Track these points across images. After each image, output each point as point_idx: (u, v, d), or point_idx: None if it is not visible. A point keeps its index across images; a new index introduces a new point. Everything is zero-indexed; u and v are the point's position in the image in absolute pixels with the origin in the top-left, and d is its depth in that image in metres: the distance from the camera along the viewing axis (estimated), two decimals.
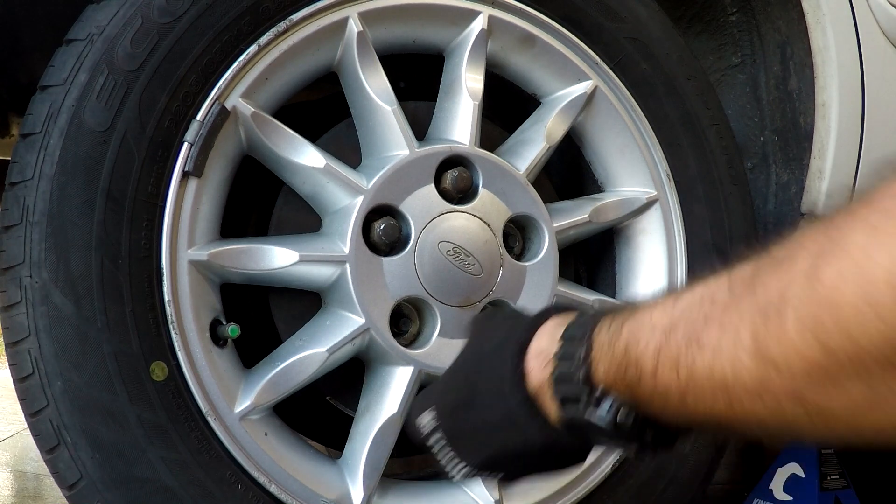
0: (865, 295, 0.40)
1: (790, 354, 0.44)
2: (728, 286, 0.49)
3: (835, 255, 0.41)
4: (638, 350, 0.54)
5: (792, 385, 0.44)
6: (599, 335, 0.59)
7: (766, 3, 1.33)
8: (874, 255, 0.39)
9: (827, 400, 0.44)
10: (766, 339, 0.45)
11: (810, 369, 0.43)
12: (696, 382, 0.50)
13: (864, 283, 0.40)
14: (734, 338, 0.47)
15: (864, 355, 0.41)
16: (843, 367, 0.42)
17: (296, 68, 1.00)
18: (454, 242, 1.01)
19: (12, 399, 1.22)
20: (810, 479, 1.86)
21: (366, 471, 0.97)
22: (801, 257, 0.44)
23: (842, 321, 0.41)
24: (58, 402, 0.84)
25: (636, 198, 1.19)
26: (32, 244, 0.85)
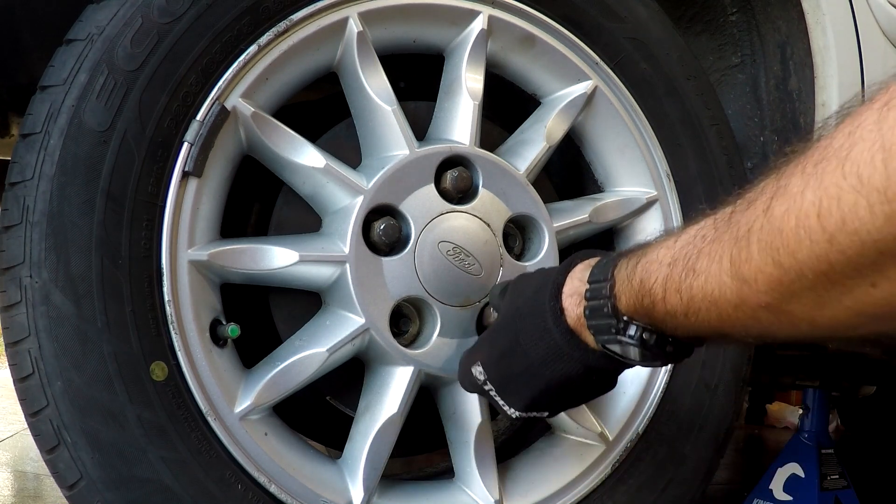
0: (800, 223, 0.52)
1: (756, 272, 0.57)
2: (713, 225, 0.63)
3: (782, 195, 0.54)
4: (650, 282, 0.68)
5: (759, 296, 0.58)
6: (619, 273, 0.73)
7: (766, 3, 1.33)
8: (806, 195, 0.52)
9: (787, 305, 0.57)
10: (739, 262, 0.58)
11: (770, 283, 0.56)
12: (694, 302, 0.64)
13: (799, 215, 0.52)
14: (718, 264, 0.61)
15: (805, 269, 0.53)
16: (792, 280, 0.55)
17: (296, 68, 1.00)
18: (454, 242, 1.01)
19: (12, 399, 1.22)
20: (810, 479, 1.87)
21: (366, 471, 0.97)
22: (761, 199, 0.57)
23: (787, 244, 0.53)
24: (58, 402, 0.84)
25: (636, 198, 1.19)
26: (32, 244, 0.85)
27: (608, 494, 1.12)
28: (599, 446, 1.12)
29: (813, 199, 0.51)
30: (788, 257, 0.54)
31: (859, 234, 0.49)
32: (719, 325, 0.64)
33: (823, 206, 0.50)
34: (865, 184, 0.48)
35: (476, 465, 1.04)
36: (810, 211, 0.51)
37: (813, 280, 0.53)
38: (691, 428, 1.18)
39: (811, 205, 0.51)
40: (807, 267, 0.53)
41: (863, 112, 0.49)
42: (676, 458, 1.16)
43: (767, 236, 0.55)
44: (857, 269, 0.51)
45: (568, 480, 1.10)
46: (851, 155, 0.49)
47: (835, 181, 0.50)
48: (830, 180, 0.50)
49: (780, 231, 0.54)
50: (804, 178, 0.52)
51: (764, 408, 3.99)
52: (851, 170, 0.49)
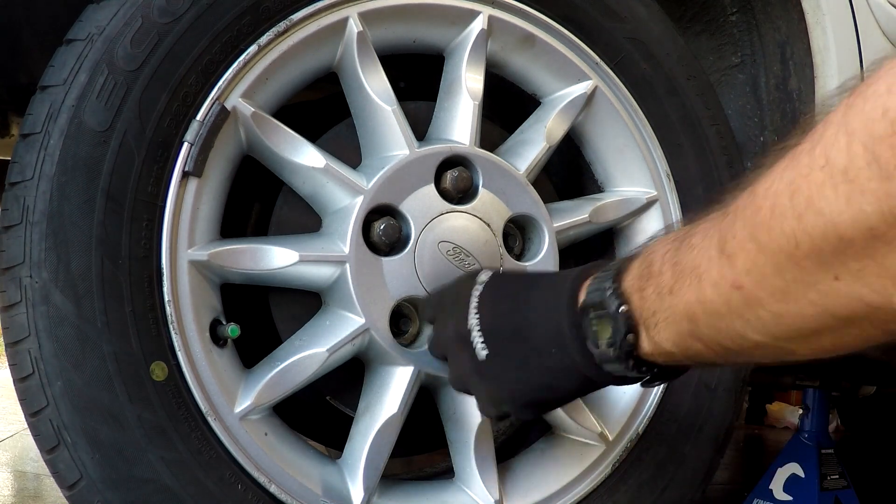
0: (776, 201, 0.55)
1: (737, 247, 0.59)
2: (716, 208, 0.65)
3: (765, 176, 0.57)
4: (653, 255, 0.70)
5: (735, 275, 0.59)
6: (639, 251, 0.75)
7: (766, 3, 1.33)
8: (784, 174, 0.55)
9: (757, 288, 0.58)
10: (725, 237, 0.61)
11: (747, 261, 0.58)
12: (682, 276, 0.65)
13: (777, 193, 0.55)
14: (710, 239, 0.63)
15: (775, 247, 0.55)
16: (766, 261, 0.56)
17: (296, 68, 1.00)
18: (454, 242, 1.01)
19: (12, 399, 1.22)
20: (810, 479, 1.87)
21: (366, 471, 0.97)
22: (750, 181, 0.59)
23: (764, 220, 0.56)
24: (58, 402, 0.84)
25: (636, 198, 1.19)
26: (32, 244, 0.85)
27: (608, 494, 1.12)
28: (599, 446, 1.12)
29: (788, 178, 0.54)
30: (764, 233, 0.56)
31: (823, 214, 0.51)
32: (694, 308, 0.64)
33: (795, 185, 0.53)
34: (831, 164, 0.51)
35: (476, 465, 1.04)
36: (785, 189, 0.54)
37: (782, 262, 0.55)
38: (691, 428, 1.18)
39: (787, 184, 0.54)
40: (777, 245, 0.55)
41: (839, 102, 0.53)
42: (676, 458, 1.16)
43: (749, 213, 0.58)
44: (820, 255, 0.53)
45: (568, 480, 1.10)
46: (823, 138, 0.52)
47: (807, 161, 0.53)
48: (804, 161, 0.53)
49: (759, 208, 0.57)
50: (784, 160, 0.56)
51: (764, 408, 3.99)
52: (821, 151, 0.52)
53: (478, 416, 1.03)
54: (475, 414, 1.03)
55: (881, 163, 0.48)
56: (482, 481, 1.04)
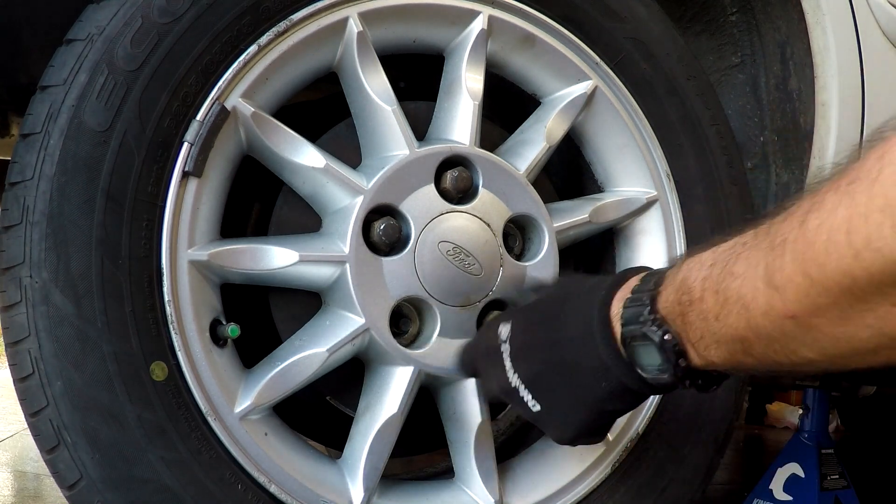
0: (830, 238, 0.55)
1: (786, 281, 0.59)
2: (754, 233, 0.65)
3: (817, 210, 0.57)
4: (690, 280, 0.70)
5: (787, 305, 0.60)
6: (669, 272, 0.75)
7: (766, 3, 1.33)
8: (838, 211, 0.54)
9: (812, 317, 0.59)
10: (772, 270, 0.60)
11: (799, 293, 0.58)
12: (727, 304, 0.65)
13: (831, 230, 0.55)
14: (754, 269, 0.63)
15: (831, 283, 0.55)
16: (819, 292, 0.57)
17: (296, 68, 1.00)
18: (454, 242, 1.01)
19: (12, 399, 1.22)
20: (810, 479, 1.87)
21: (366, 471, 0.97)
22: (799, 212, 0.59)
23: (817, 257, 0.56)
24: (58, 402, 0.84)
25: (636, 198, 1.19)
26: (32, 244, 0.85)
27: (608, 494, 1.12)
28: (599, 446, 1.12)
29: (844, 216, 0.54)
30: (817, 270, 0.56)
31: (882, 253, 0.51)
32: (745, 333, 0.65)
33: (853, 224, 0.53)
34: (891, 205, 0.51)
35: (476, 465, 1.04)
36: (840, 227, 0.54)
37: (838, 294, 0.56)
38: (691, 428, 1.18)
39: (842, 221, 0.54)
40: (833, 281, 0.55)
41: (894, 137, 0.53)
42: (676, 458, 1.16)
43: (800, 248, 0.58)
44: (879, 287, 0.53)
45: (568, 480, 1.10)
46: (880, 177, 0.52)
47: (864, 200, 0.53)
48: (860, 199, 0.53)
49: (811, 244, 0.56)
50: (838, 195, 0.55)
51: (764, 408, 3.99)
52: (879, 191, 0.51)
53: (478, 415, 1.03)
54: (475, 414, 1.03)
55: None
56: (482, 481, 1.04)
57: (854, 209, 0.53)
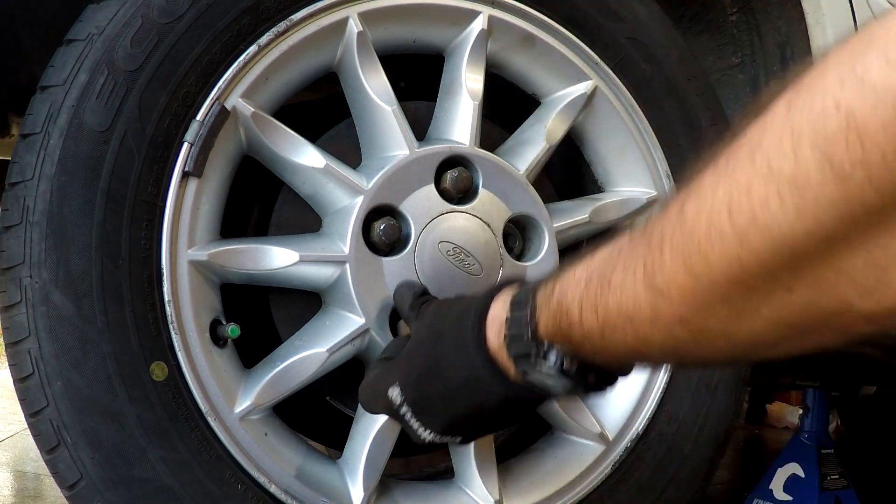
0: (711, 224, 0.48)
1: (669, 282, 0.52)
2: (629, 236, 0.58)
3: (694, 195, 0.50)
4: (566, 302, 0.64)
5: (674, 309, 0.53)
6: (540, 296, 0.68)
7: (766, 3, 1.33)
8: (717, 192, 0.48)
9: (702, 319, 0.53)
10: (652, 272, 0.54)
11: (685, 294, 0.52)
12: (609, 319, 0.59)
13: (711, 214, 0.48)
14: (633, 275, 0.56)
15: (718, 275, 0.49)
16: (706, 288, 0.50)
17: (296, 68, 1.00)
18: (454, 242, 1.01)
19: (12, 399, 1.22)
20: (810, 479, 1.87)
21: (366, 471, 0.97)
22: (675, 201, 0.52)
23: (699, 248, 0.49)
24: (58, 402, 0.84)
25: (636, 198, 1.19)
26: (32, 244, 0.85)
27: (608, 495, 1.12)
28: (599, 446, 1.12)
29: (724, 196, 0.47)
30: (701, 263, 0.50)
31: (770, 230, 0.45)
32: (636, 345, 0.59)
33: (734, 201, 0.47)
34: (776, 172, 0.44)
35: (476, 465, 1.04)
36: (721, 208, 0.47)
37: (727, 287, 0.50)
38: (691, 428, 1.18)
39: (722, 202, 0.47)
40: (719, 272, 0.49)
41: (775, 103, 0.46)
42: (676, 458, 1.16)
43: (679, 240, 0.51)
44: (771, 273, 0.47)
45: (568, 481, 1.10)
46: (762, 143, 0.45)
47: (745, 172, 0.46)
48: (741, 172, 0.46)
49: (691, 234, 0.50)
50: (716, 174, 0.49)
51: (764, 408, 3.99)
52: (762, 159, 0.45)
53: None
54: None
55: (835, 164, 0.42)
56: (482, 481, 1.04)
57: (734, 184, 0.46)
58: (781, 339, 0.52)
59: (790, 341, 0.52)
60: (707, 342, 0.55)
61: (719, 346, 0.55)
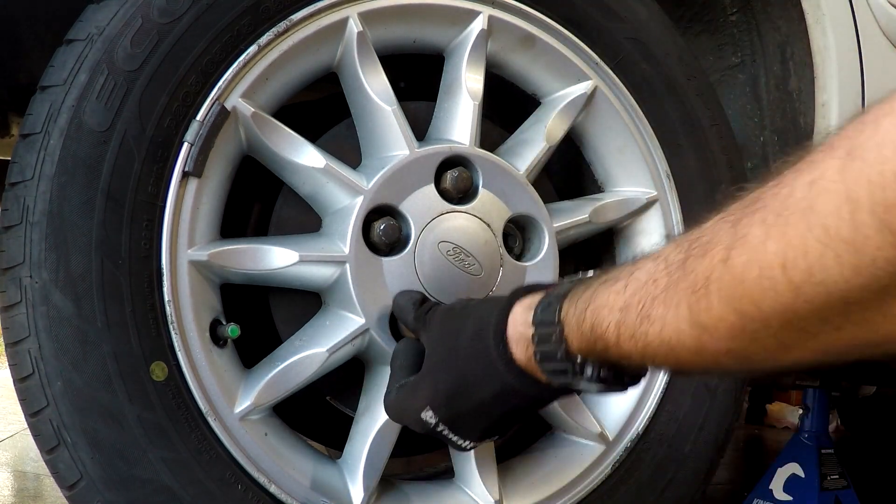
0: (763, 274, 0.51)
1: (716, 321, 0.56)
2: (666, 270, 0.62)
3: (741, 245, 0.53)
4: (601, 328, 0.67)
5: (720, 343, 0.57)
6: (568, 317, 0.72)
7: (766, 3, 1.33)
8: (768, 246, 0.51)
9: (749, 350, 0.56)
10: (698, 311, 0.57)
11: (732, 330, 0.56)
12: (650, 348, 0.62)
13: (763, 266, 0.51)
14: (675, 312, 0.59)
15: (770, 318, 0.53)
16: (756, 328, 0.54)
17: (296, 68, 1.00)
18: (454, 242, 1.01)
19: (12, 399, 1.22)
20: (810, 479, 1.87)
21: (366, 471, 0.97)
22: (718, 248, 0.56)
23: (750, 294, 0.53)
24: (58, 402, 0.84)
25: (636, 198, 1.19)
26: (32, 244, 0.85)
27: (608, 495, 1.12)
28: (599, 447, 1.12)
29: (776, 251, 0.50)
30: (751, 307, 0.53)
31: (826, 286, 0.48)
32: (676, 367, 0.65)
33: (789, 258, 0.49)
34: (832, 236, 0.47)
35: (476, 465, 1.04)
36: (774, 262, 0.50)
37: (777, 329, 0.53)
38: (691, 428, 1.18)
39: (774, 256, 0.50)
40: (771, 317, 0.52)
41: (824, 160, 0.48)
42: (676, 458, 1.16)
43: (728, 286, 0.54)
44: (823, 317, 0.50)
45: (568, 481, 1.10)
46: (816, 207, 0.48)
47: (799, 233, 0.49)
48: (794, 232, 0.49)
49: (741, 282, 0.53)
50: (765, 228, 0.52)
51: (764, 408, 3.99)
52: (817, 221, 0.48)
53: None
54: None
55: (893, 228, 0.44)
56: (482, 481, 1.04)
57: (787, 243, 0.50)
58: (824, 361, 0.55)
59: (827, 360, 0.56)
60: (750, 365, 0.59)
61: (763, 368, 0.59)
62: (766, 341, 0.55)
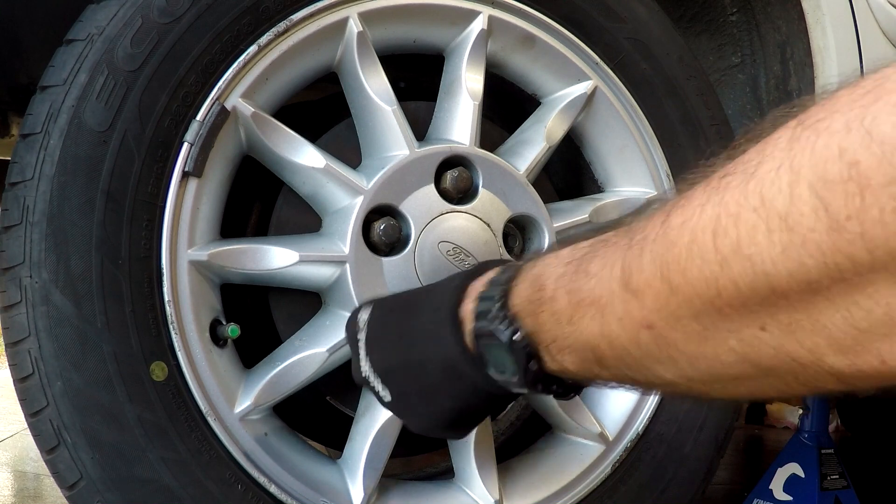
0: (694, 239, 0.47)
1: (643, 284, 0.52)
2: (615, 230, 0.58)
3: (682, 206, 0.50)
4: (545, 276, 0.63)
5: (644, 314, 0.53)
6: (523, 268, 0.68)
7: (766, 3, 1.33)
8: (706, 209, 0.47)
9: (670, 330, 0.52)
10: (630, 270, 0.53)
11: (657, 300, 0.51)
12: (581, 306, 0.58)
13: (695, 230, 0.47)
14: (611, 269, 0.56)
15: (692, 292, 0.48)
16: (680, 303, 0.50)
17: (296, 68, 1.00)
18: (454, 242, 1.01)
19: (12, 399, 1.22)
20: (810, 479, 1.86)
21: (366, 471, 0.97)
22: (664, 209, 0.52)
23: (678, 260, 0.49)
24: (58, 402, 0.84)
25: (636, 198, 1.19)
26: (32, 244, 0.85)
27: (608, 495, 1.12)
28: (599, 446, 1.12)
29: (711, 215, 0.46)
30: (678, 275, 0.49)
31: (752, 262, 0.44)
32: (597, 341, 0.58)
33: (720, 224, 0.45)
34: (767, 206, 0.43)
35: (476, 465, 1.04)
36: (707, 227, 0.46)
37: (699, 307, 0.49)
38: (691, 428, 1.18)
39: (709, 220, 0.46)
40: (694, 290, 0.48)
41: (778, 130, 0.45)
42: (676, 458, 1.16)
43: (661, 248, 0.50)
44: (746, 304, 0.46)
45: (568, 481, 1.10)
46: (758, 172, 0.44)
47: (735, 198, 0.45)
48: (732, 196, 0.45)
49: (673, 244, 0.49)
50: (707, 191, 0.48)
51: (764, 408, 3.99)
52: (755, 188, 0.44)
53: None
54: None
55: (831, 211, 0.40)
56: (482, 481, 1.04)
57: (724, 207, 0.45)
58: (743, 376, 0.51)
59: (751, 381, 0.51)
60: (668, 358, 0.54)
61: (679, 365, 0.54)
62: (687, 323, 0.50)
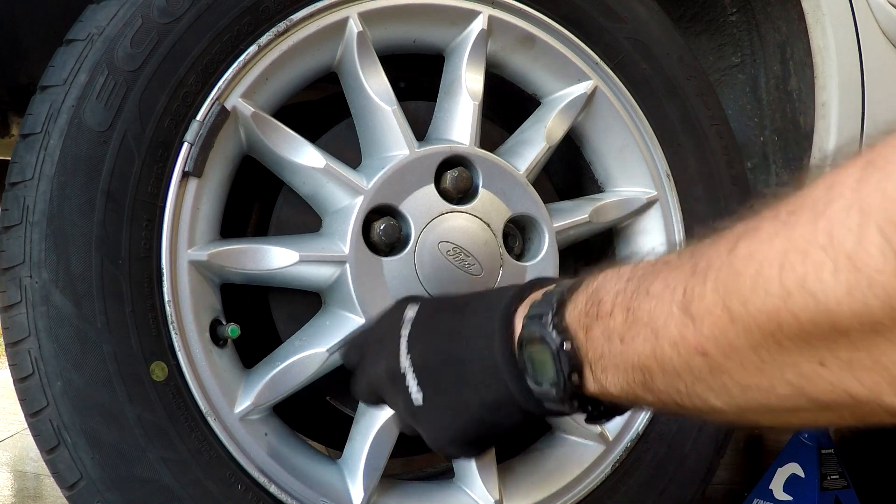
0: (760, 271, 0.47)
1: (703, 311, 0.52)
2: (678, 253, 0.58)
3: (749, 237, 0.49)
4: (603, 291, 0.63)
5: (700, 339, 0.52)
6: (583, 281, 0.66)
7: (766, 3, 1.33)
8: (774, 242, 0.47)
9: (725, 359, 0.51)
10: (691, 297, 0.53)
11: (715, 328, 0.51)
12: (636, 325, 0.58)
13: (762, 262, 0.47)
14: (672, 291, 0.55)
15: (753, 324, 0.48)
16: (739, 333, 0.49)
17: (296, 68, 1.00)
18: (454, 243, 1.01)
19: (12, 399, 1.22)
20: (810, 479, 1.86)
21: (366, 471, 0.97)
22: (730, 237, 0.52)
23: (741, 290, 0.48)
24: (58, 402, 0.84)
25: (636, 198, 1.19)
26: (32, 244, 0.85)
27: (608, 495, 1.12)
28: (599, 447, 1.12)
29: (779, 249, 0.46)
30: (739, 305, 0.49)
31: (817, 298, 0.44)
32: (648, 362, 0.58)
33: (788, 259, 0.46)
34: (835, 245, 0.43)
35: (476, 465, 1.04)
36: (774, 260, 0.46)
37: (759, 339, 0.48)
38: (691, 428, 1.18)
39: (777, 254, 0.46)
40: (755, 321, 0.48)
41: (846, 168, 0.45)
42: (676, 458, 1.16)
43: (724, 276, 0.50)
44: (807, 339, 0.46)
45: (568, 481, 1.10)
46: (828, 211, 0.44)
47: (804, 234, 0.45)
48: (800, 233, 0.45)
49: (738, 274, 0.49)
50: (775, 224, 0.48)
51: None
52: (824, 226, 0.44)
53: None
54: None
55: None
56: (482, 481, 1.04)
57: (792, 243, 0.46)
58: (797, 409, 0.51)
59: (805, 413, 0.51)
60: (721, 386, 0.54)
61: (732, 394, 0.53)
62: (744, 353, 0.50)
